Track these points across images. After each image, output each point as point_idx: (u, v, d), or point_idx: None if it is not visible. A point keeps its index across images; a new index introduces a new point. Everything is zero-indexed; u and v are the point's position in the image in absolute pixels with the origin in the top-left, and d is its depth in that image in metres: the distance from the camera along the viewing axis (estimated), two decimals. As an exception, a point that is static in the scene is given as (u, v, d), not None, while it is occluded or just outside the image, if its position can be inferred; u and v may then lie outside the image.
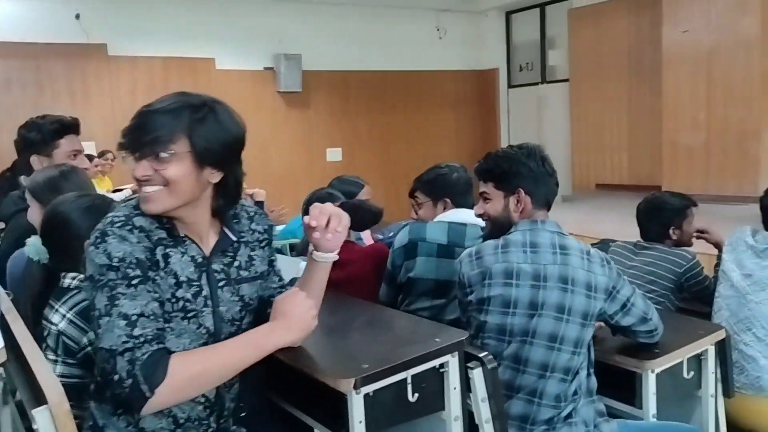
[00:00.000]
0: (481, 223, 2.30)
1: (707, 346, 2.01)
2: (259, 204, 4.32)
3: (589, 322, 1.78)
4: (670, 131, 6.72)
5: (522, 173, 1.87)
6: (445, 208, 2.38)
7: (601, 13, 7.88)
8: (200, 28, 7.12)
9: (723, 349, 2.06)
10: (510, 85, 9.56)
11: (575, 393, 1.77)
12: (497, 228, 1.91)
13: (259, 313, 1.53)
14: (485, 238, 1.96)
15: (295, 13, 7.76)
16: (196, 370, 1.30)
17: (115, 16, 6.70)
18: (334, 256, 1.54)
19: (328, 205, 1.52)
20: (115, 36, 6.71)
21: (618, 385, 1.93)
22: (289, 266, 1.61)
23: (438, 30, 8.96)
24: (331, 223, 1.49)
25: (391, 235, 3.04)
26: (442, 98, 9.18)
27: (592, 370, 1.84)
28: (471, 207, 2.39)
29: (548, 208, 1.92)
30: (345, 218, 1.52)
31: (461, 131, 9.43)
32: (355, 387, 1.43)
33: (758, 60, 6.03)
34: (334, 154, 8.29)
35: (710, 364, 2.03)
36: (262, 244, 1.54)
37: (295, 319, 1.43)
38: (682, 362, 1.95)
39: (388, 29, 8.51)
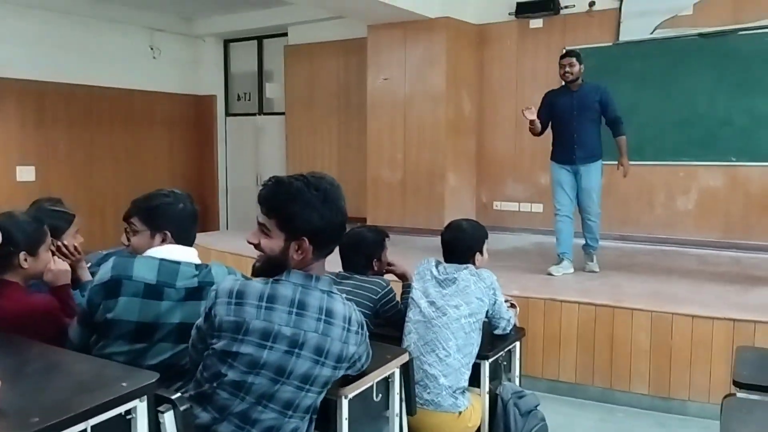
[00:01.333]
0: (197, 260, 2.16)
1: (394, 369, 2.18)
2: None
3: (326, 388, 1.78)
4: (374, 168, 7.28)
5: (312, 221, 1.70)
6: (163, 241, 2.11)
7: (315, 52, 8.27)
8: None
9: (407, 371, 2.25)
10: (228, 113, 9.53)
11: None
12: (269, 265, 1.76)
13: None
14: (255, 269, 1.80)
15: (-19, 10, 6.78)
16: None
17: None
18: None
19: None
20: None
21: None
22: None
23: (152, 49, 8.57)
24: None
25: (89, 265, 2.73)
26: (155, 119, 8.75)
27: (314, 416, 1.82)
28: (191, 243, 2.19)
29: (327, 255, 1.82)
30: None
31: (176, 154, 9.10)
32: (20, 446, 1.25)
33: (444, 110, 6.85)
34: (26, 173, 7.33)
35: (396, 385, 2.21)
36: None
37: None
38: (372, 386, 2.09)
39: (96, 42, 7.87)
